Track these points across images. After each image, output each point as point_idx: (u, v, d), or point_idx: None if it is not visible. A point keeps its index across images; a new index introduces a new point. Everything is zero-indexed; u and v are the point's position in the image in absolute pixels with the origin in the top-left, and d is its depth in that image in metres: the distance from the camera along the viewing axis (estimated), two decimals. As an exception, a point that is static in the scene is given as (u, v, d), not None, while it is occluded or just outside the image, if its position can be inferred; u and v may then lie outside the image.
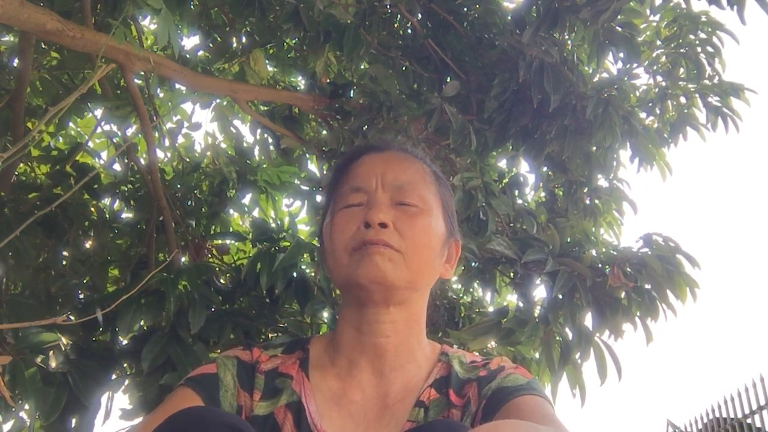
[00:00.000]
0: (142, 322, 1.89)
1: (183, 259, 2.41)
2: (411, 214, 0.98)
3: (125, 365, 1.92)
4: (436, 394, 0.96)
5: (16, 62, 2.54)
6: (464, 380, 0.97)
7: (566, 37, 2.74)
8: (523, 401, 0.89)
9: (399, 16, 2.67)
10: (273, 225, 2.17)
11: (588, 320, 2.10)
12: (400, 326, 0.97)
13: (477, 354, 1.07)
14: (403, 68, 2.56)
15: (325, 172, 2.58)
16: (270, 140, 3.03)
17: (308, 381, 0.97)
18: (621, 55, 2.67)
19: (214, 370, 0.96)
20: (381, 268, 0.93)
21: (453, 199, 1.11)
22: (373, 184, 1.00)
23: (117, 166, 2.81)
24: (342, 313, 1.02)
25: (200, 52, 3.07)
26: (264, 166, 2.98)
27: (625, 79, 2.82)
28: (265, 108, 2.87)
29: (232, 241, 2.76)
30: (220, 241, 2.79)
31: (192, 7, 2.79)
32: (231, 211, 2.94)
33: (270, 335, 2.04)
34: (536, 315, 2.09)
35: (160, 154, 2.96)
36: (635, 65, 2.81)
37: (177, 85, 2.94)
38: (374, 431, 0.93)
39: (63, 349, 1.64)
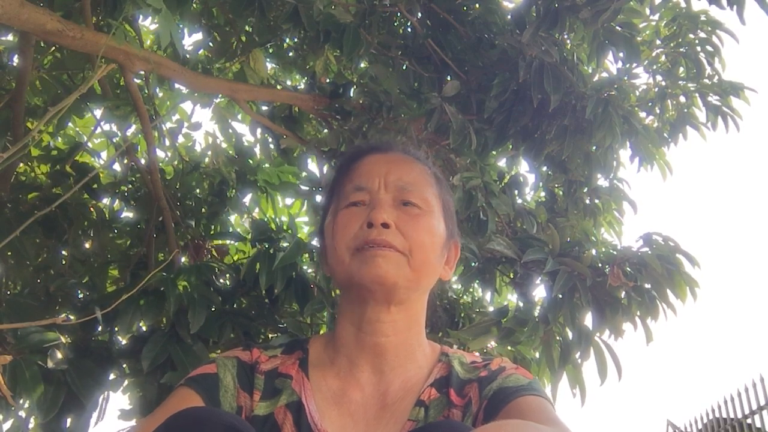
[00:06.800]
0: (141, 323, 1.89)
1: (183, 260, 2.41)
2: (413, 215, 0.99)
3: (124, 365, 1.92)
4: (436, 393, 0.96)
5: (15, 62, 2.54)
6: (465, 380, 0.97)
7: (566, 37, 2.74)
8: (525, 402, 0.89)
9: (399, 15, 2.67)
10: (273, 225, 2.17)
11: (588, 320, 2.10)
12: (400, 326, 0.98)
13: (477, 354, 1.07)
14: (403, 68, 2.56)
15: (325, 172, 2.58)
16: (270, 140, 3.03)
17: (308, 380, 0.97)
18: (621, 54, 2.67)
19: (214, 370, 0.96)
20: (383, 268, 0.93)
21: (453, 201, 1.12)
22: (376, 184, 1.01)
23: (117, 166, 2.81)
24: (342, 311, 1.02)
25: (200, 52, 3.07)
26: (266, 166, 2.98)
27: (625, 78, 2.82)
28: (265, 108, 2.87)
29: (232, 242, 2.76)
30: (220, 242, 2.79)
31: (192, 6, 2.79)
32: (231, 211, 2.94)
33: (270, 335, 2.04)
34: (536, 315, 2.09)
35: (160, 154, 2.96)
36: (635, 65, 2.81)
37: (177, 85, 2.94)
38: (374, 430, 0.93)
39: (62, 348, 1.64)
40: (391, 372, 0.97)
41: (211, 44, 3.01)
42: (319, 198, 2.59)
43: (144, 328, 1.93)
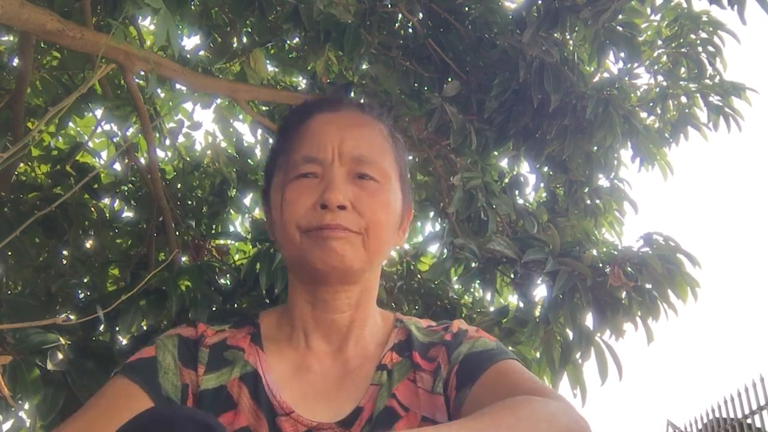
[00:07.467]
0: (142, 322, 1.89)
1: (183, 259, 2.41)
2: (371, 191, 0.94)
3: (125, 365, 1.91)
4: (398, 357, 0.96)
5: (16, 62, 2.53)
6: (428, 344, 0.98)
7: (567, 36, 2.74)
8: (505, 367, 0.90)
9: (399, 15, 2.67)
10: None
11: (589, 320, 2.10)
12: (355, 301, 0.97)
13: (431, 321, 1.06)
14: (404, 68, 2.56)
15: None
16: (270, 140, 3.02)
17: (263, 353, 0.95)
18: (622, 54, 2.66)
19: (152, 353, 0.92)
20: (339, 252, 0.90)
21: (407, 159, 1.06)
22: (329, 155, 0.93)
23: (117, 166, 2.81)
24: (294, 288, 0.99)
25: (200, 52, 3.06)
26: (266, 166, 2.97)
27: (626, 78, 2.82)
28: (266, 108, 2.87)
29: (232, 242, 2.76)
30: (220, 241, 2.79)
31: (192, 7, 2.78)
32: (231, 211, 2.94)
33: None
34: (537, 315, 2.09)
35: (160, 153, 2.96)
36: (636, 65, 2.81)
37: (177, 85, 2.94)
38: (335, 398, 0.92)
39: (62, 349, 1.64)
40: (347, 343, 0.97)
41: (211, 45, 3.01)
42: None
43: (145, 328, 1.93)
